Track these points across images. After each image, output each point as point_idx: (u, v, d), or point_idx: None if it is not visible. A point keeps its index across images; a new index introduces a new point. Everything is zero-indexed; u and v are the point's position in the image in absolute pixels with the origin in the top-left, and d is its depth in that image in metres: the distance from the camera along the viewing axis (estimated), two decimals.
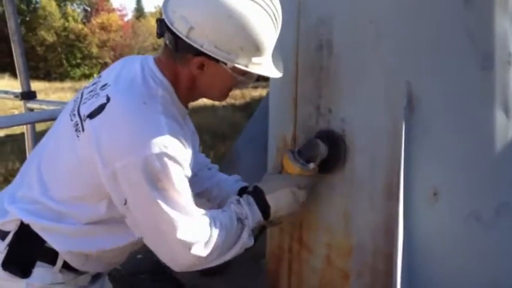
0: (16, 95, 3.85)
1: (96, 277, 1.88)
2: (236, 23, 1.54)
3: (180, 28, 1.56)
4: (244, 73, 1.64)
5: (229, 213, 1.76)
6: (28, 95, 3.85)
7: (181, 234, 1.59)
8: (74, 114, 1.70)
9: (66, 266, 1.72)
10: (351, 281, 2.05)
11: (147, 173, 1.53)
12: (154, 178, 1.54)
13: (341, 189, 2.03)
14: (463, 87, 1.83)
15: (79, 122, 1.66)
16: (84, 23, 40.42)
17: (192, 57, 1.61)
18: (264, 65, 1.66)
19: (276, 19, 1.62)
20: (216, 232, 1.66)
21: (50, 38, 36.14)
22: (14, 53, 3.67)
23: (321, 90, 2.03)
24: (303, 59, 2.08)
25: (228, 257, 1.73)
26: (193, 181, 1.70)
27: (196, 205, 1.68)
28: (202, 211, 1.68)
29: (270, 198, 1.83)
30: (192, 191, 1.66)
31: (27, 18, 35.86)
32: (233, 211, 1.77)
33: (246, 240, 1.76)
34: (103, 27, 39.98)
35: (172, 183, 1.57)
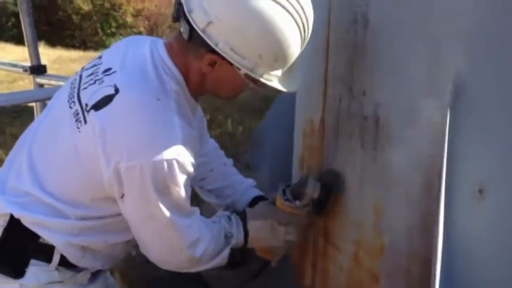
0: (25, 69, 3.65)
1: (96, 274, 1.73)
2: (260, 28, 1.41)
3: (197, 20, 1.42)
4: (257, 81, 1.51)
5: (219, 226, 1.70)
6: (37, 69, 3.63)
7: (179, 236, 1.54)
8: (74, 102, 1.55)
9: (63, 263, 1.57)
10: (381, 283, 1.85)
11: (155, 179, 1.44)
12: (162, 184, 1.45)
13: (373, 181, 1.82)
14: None
15: (80, 111, 1.51)
16: None
17: (204, 53, 1.48)
18: (280, 76, 1.55)
19: (304, 31, 1.49)
20: (208, 236, 1.62)
21: (86, 6, 36.10)
22: (22, 23, 3.48)
23: (354, 69, 1.82)
24: (334, 33, 1.87)
25: (204, 267, 1.69)
26: (206, 176, 1.76)
27: (203, 202, 1.60)
28: (198, 215, 1.62)
29: (249, 225, 1.76)
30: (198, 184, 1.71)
31: None
32: (222, 226, 1.71)
33: (225, 256, 1.72)
34: None
35: (178, 189, 1.48)
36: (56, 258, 1.55)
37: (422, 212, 1.71)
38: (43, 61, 3.76)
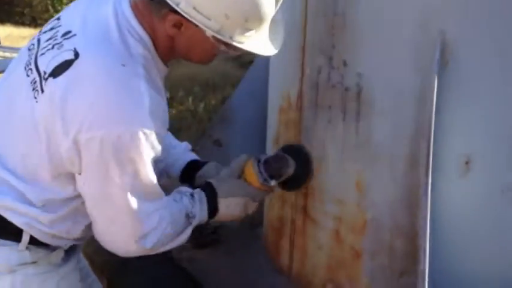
0: None
1: (70, 252, 1.60)
2: None
3: None
4: (228, 44, 1.38)
5: (180, 206, 1.55)
6: None
7: (131, 224, 1.39)
8: (31, 69, 1.40)
9: (34, 242, 1.45)
10: (364, 260, 1.80)
11: (117, 152, 1.29)
12: (125, 158, 1.31)
13: (355, 154, 1.76)
14: (509, 39, 1.52)
15: (38, 80, 1.36)
16: None
17: (167, 13, 1.33)
18: (254, 39, 1.39)
19: None
20: (164, 224, 1.47)
21: None
22: None
23: (334, 38, 1.73)
24: (313, 1, 1.76)
25: (165, 249, 1.54)
26: None
27: None
28: (158, 197, 1.46)
29: (221, 203, 1.63)
30: None
31: None
32: (184, 205, 1.56)
33: (186, 236, 1.58)
34: None
35: (144, 165, 1.34)
36: (25, 237, 1.43)
37: (407, 185, 1.66)
38: None
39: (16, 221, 1.41)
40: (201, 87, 6.36)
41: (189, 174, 1.81)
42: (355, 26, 1.67)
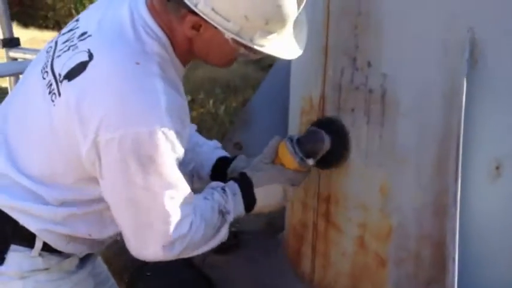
0: None
1: (85, 259, 1.57)
2: None
3: None
4: (248, 46, 1.32)
5: (212, 204, 1.48)
6: (10, 42, 3.40)
7: (160, 230, 1.34)
8: (47, 72, 1.37)
9: (47, 248, 1.41)
10: (389, 268, 1.74)
11: (136, 153, 1.25)
12: (147, 159, 1.26)
13: (379, 158, 1.70)
14: None
15: (53, 82, 1.33)
16: None
17: (186, 13, 1.28)
18: (276, 42, 1.33)
19: None
20: (195, 228, 1.40)
21: None
22: None
23: (358, 38, 1.68)
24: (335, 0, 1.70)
25: (202, 250, 1.48)
26: None
27: None
28: (188, 199, 1.38)
29: (258, 192, 1.55)
30: None
31: None
32: (216, 201, 1.49)
33: (223, 235, 1.51)
34: None
35: (166, 166, 1.29)
36: (38, 244, 1.39)
37: (434, 191, 1.60)
38: None
39: (30, 225, 1.38)
40: (221, 90, 6.34)
41: (220, 172, 1.75)
42: (379, 26, 1.61)
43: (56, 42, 1.43)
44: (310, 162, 1.60)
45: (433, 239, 1.63)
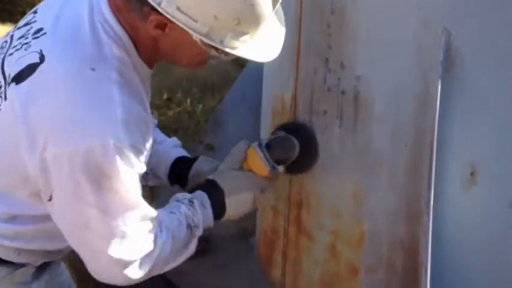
0: None
1: (42, 268, 1.46)
2: None
3: None
4: (219, 49, 1.21)
5: (178, 218, 1.38)
6: None
7: (119, 253, 1.23)
8: None
9: None
10: (361, 276, 1.69)
11: (88, 168, 1.14)
12: (100, 176, 1.15)
13: (352, 162, 1.65)
14: None
15: (3, 84, 1.23)
16: None
17: (149, 11, 1.16)
18: (249, 44, 1.22)
19: None
20: (160, 245, 1.31)
21: None
22: None
23: (330, 38, 1.62)
24: None
25: (172, 266, 1.39)
26: None
27: None
28: (149, 216, 1.28)
29: (228, 202, 1.48)
30: None
31: None
32: (183, 215, 1.39)
33: (192, 249, 1.42)
34: None
35: (123, 182, 1.18)
36: None
37: (407, 197, 1.55)
38: None
39: None
40: (199, 88, 6.27)
41: (179, 173, 1.67)
42: (352, 25, 1.56)
43: (12, 37, 1.32)
44: (281, 169, 1.56)
45: (406, 247, 1.57)
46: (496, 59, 1.43)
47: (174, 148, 1.72)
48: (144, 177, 1.70)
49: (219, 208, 1.47)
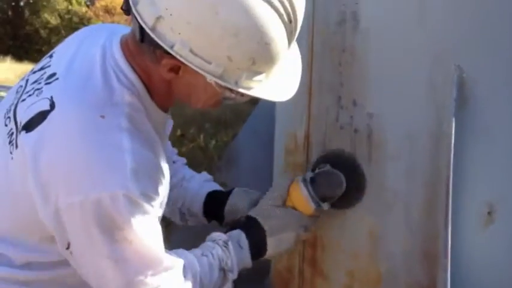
0: None
1: None
2: (224, 21, 1.06)
3: (144, 14, 1.09)
4: (233, 90, 1.17)
5: (210, 261, 1.34)
6: None
7: None
8: (9, 118, 1.25)
9: None
10: None
11: (99, 218, 1.12)
12: (112, 226, 1.13)
13: (367, 201, 1.62)
14: None
15: (14, 131, 1.21)
16: (87, 6, 40.05)
17: (162, 55, 1.13)
18: (265, 83, 1.19)
19: (290, 21, 1.13)
20: None
21: (54, 20, 35.88)
22: None
23: (342, 76, 1.61)
24: (320, 36, 1.66)
25: None
26: None
27: None
28: (168, 263, 1.24)
29: (270, 242, 1.45)
30: None
31: (31, 1, 35.46)
32: (216, 258, 1.35)
33: None
34: (107, 10, 39.56)
35: (135, 232, 1.15)
36: None
37: (424, 236, 1.52)
38: (9, 76, 3.50)
39: None
40: (212, 124, 6.30)
41: (213, 210, 1.64)
42: (364, 63, 1.55)
43: (27, 81, 1.31)
44: (326, 206, 1.51)
45: (424, 286, 1.54)
46: (509, 95, 1.41)
47: (204, 183, 1.70)
48: (182, 218, 1.70)
49: (259, 248, 1.43)
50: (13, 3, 33.78)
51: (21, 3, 34.70)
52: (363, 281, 1.65)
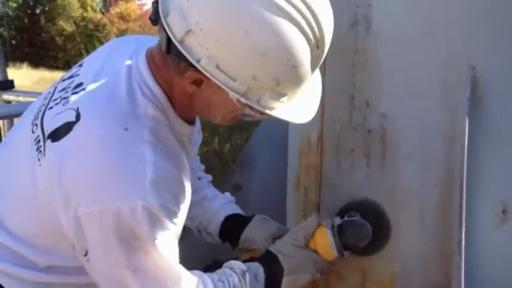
0: None
1: None
2: (253, 41, 1.06)
3: (174, 27, 1.09)
4: (255, 108, 1.17)
5: (226, 287, 1.35)
6: (4, 85, 3.35)
7: None
8: (37, 125, 1.27)
9: None
10: None
11: (118, 228, 1.14)
12: (130, 236, 1.14)
13: (381, 201, 1.62)
14: None
15: (41, 139, 1.23)
16: (102, 13, 40.38)
17: (186, 68, 1.13)
18: (286, 104, 1.19)
19: (318, 46, 1.13)
20: None
21: (69, 28, 36.17)
22: None
23: (355, 77, 1.62)
24: (332, 38, 1.65)
25: None
26: None
27: None
28: (185, 279, 1.25)
29: (286, 281, 1.45)
30: None
31: (47, 8, 35.80)
32: (232, 286, 1.35)
33: None
34: (122, 17, 39.89)
35: (153, 244, 1.16)
36: None
37: (438, 236, 1.52)
38: (26, 82, 3.54)
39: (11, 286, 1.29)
40: (226, 128, 6.31)
41: (230, 233, 1.66)
42: (376, 64, 1.56)
43: (55, 88, 1.33)
44: (346, 255, 1.51)
45: (439, 286, 1.54)
46: None
47: (225, 205, 1.71)
48: (198, 234, 1.71)
49: (274, 285, 1.44)
50: (29, 11, 34.11)
51: (37, 11, 35.03)
52: (377, 280, 1.66)
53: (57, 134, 1.18)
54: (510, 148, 1.44)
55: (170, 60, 1.17)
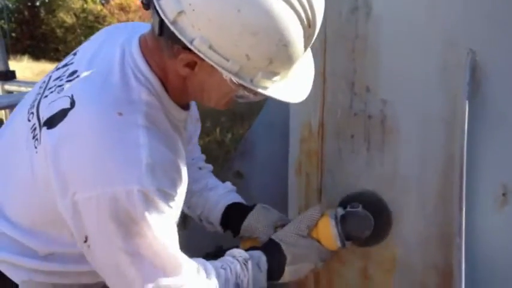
0: None
1: None
2: (245, 20, 1.07)
3: (166, 8, 1.10)
4: (248, 88, 1.18)
5: (227, 275, 1.35)
6: (5, 75, 3.36)
7: None
8: (33, 113, 1.28)
9: None
10: None
11: (114, 213, 1.14)
12: (127, 220, 1.15)
13: (381, 186, 1.63)
14: None
15: (37, 126, 1.24)
16: (102, 4, 40.20)
17: (179, 50, 1.15)
18: (279, 84, 1.20)
19: (309, 25, 1.14)
20: None
21: (69, 19, 36.04)
22: None
23: (355, 63, 1.62)
24: (332, 23, 1.66)
25: None
26: None
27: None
28: (189, 268, 1.26)
29: (288, 269, 1.46)
30: None
31: (46, 0, 35.69)
32: (233, 274, 1.37)
33: None
34: (122, 8, 39.69)
35: (150, 227, 1.16)
36: None
37: (439, 220, 1.53)
38: (27, 74, 3.55)
39: (13, 276, 1.30)
40: (228, 118, 6.31)
41: (231, 222, 1.67)
42: (376, 49, 1.56)
43: (50, 78, 1.35)
44: (348, 245, 1.53)
45: (439, 270, 1.56)
46: None
47: (226, 194, 1.72)
48: (199, 222, 1.73)
49: (276, 273, 1.45)
50: (29, 4, 34.00)
51: (37, 3, 34.91)
52: (378, 264, 1.67)
53: (52, 121, 1.19)
54: (510, 132, 1.44)
55: (163, 44, 1.18)
